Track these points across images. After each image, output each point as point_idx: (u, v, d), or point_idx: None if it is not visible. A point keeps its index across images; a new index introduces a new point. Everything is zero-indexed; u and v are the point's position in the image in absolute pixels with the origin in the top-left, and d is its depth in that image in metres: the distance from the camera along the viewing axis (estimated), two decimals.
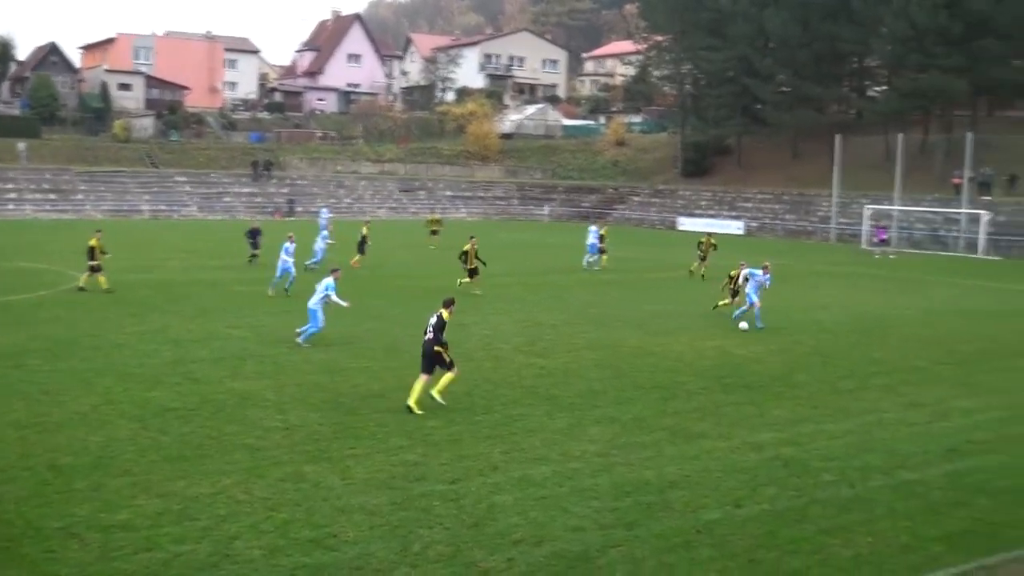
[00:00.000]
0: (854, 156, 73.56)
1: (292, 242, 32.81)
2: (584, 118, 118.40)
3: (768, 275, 28.90)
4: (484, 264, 35.32)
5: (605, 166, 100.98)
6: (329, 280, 23.38)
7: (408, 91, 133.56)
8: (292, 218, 76.79)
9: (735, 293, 29.57)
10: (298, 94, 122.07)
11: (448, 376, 17.68)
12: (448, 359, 17.58)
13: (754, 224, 78.04)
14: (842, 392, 20.18)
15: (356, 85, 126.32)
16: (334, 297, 23.19)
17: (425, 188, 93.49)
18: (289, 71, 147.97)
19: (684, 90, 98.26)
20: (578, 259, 45.27)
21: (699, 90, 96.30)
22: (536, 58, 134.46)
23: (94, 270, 31.94)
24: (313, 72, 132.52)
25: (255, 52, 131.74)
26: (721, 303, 30.24)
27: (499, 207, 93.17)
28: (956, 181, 67.54)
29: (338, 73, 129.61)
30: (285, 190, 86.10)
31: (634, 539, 11.73)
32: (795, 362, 23.22)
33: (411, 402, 17.31)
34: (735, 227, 77.17)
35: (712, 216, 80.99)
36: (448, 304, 18.03)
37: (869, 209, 66.71)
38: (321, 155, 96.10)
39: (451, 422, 16.67)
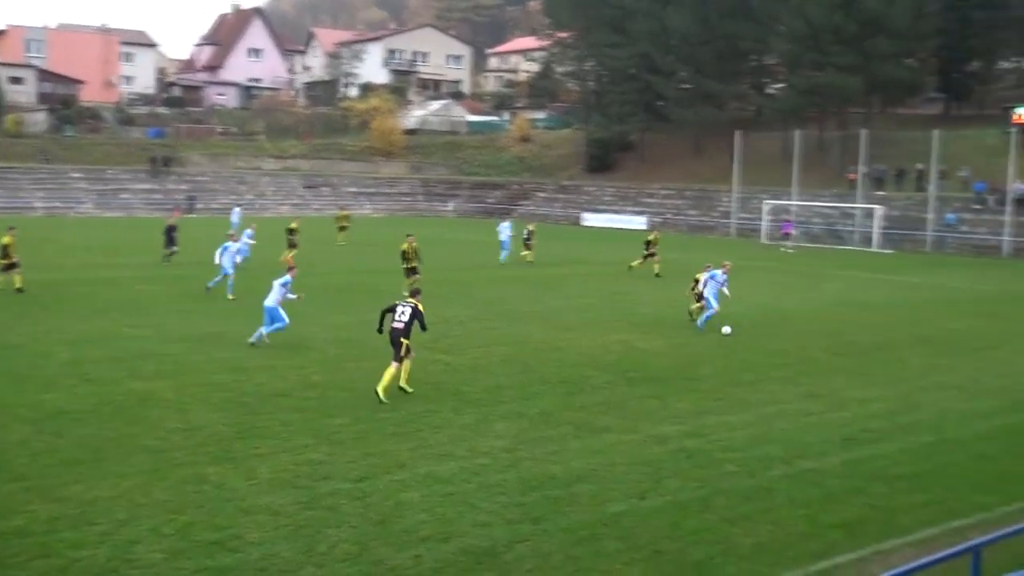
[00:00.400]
0: (754, 152, 74.99)
1: (234, 241, 32.56)
2: (489, 114, 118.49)
3: (726, 276, 27.61)
4: (420, 263, 34.23)
5: (510, 162, 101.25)
6: (287, 277, 23.45)
7: (311, 86, 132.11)
8: (192, 215, 75.37)
9: (701, 296, 27.68)
10: (198, 89, 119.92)
11: (407, 365, 18.62)
12: (406, 350, 18.35)
13: (657, 219, 78.90)
14: (743, 384, 20.56)
15: (257, 80, 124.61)
16: (289, 295, 23.34)
17: (329, 184, 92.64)
18: (188, 65, 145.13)
19: (588, 86, 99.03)
20: (483, 255, 45.37)
21: (602, 86, 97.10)
22: (440, 54, 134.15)
23: (8, 268, 31.08)
24: (213, 67, 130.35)
25: (153, 46, 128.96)
26: (694, 307, 28.26)
27: (404, 203, 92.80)
28: (851, 177, 69.33)
29: (239, 68, 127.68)
30: (185, 186, 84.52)
31: (541, 533, 11.79)
32: (697, 355, 23.57)
33: (402, 384, 18.49)
34: (638, 222, 78.04)
35: (616, 212, 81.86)
36: (415, 294, 19.08)
37: (768, 204, 68.09)
38: (222, 151, 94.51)
39: (357, 420, 16.56)
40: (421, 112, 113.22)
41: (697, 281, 27.93)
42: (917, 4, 76.37)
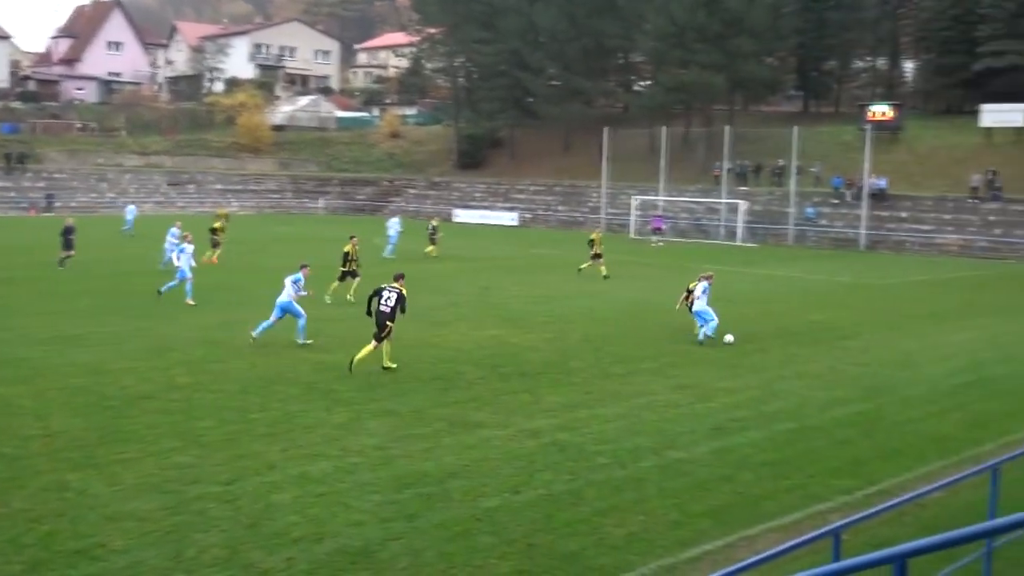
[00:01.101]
0: (622, 148, 76.13)
1: (191, 243, 31.64)
2: (358, 110, 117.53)
3: (709, 284, 25.84)
4: (358, 269, 32.37)
5: (380, 158, 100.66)
6: (299, 274, 23.69)
7: (174, 81, 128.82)
8: (50, 214, 72.76)
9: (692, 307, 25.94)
10: (54, 83, 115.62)
11: (386, 346, 20.41)
12: (388, 333, 20.22)
13: (528, 215, 79.58)
14: (614, 377, 20.86)
15: (118, 74, 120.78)
16: (301, 292, 23.62)
17: (194, 181, 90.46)
18: (44, 59, 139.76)
19: (458, 83, 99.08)
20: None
21: (472, 83, 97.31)
22: (308, 49, 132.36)
23: None
24: (70, 60, 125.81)
25: (6, 38, 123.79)
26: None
27: (272, 200, 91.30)
28: (716, 173, 71.03)
29: (98, 61, 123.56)
30: (42, 184, 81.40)
31: (414, 531, 11.76)
32: (569, 349, 23.82)
33: (386, 363, 20.40)
34: (509, 218, 78.51)
35: (487, 208, 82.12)
36: (399, 278, 20.89)
37: (637, 200, 69.23)
38: (81, 147, 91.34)
39: (225, 422, 16.24)
40: (289, 108, 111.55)
41: (690, 292, 25.93)
42: (776, 5, 78.88)
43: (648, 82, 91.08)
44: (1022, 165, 65.60)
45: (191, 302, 29.46)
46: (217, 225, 41.85)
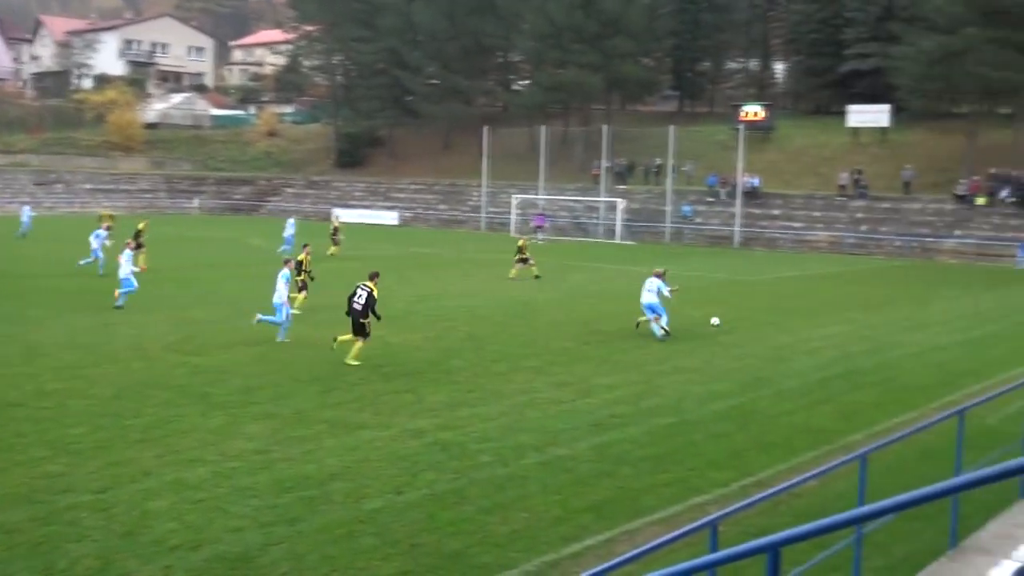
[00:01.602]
0: (502, 147, 76.46)
1: (131, 249, 30.97)
2: (234, 108, 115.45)
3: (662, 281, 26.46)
4: (312, 279, 31.16)
5: (257, 157, 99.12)
6: (285, 271, 24.31)
7: (40, 77, 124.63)
8: None
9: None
10: None
11: (359, 344, 21.33)
12: (369, 330, 21.30)
13: (408, 214, 79.28)
14: (496, 375, 20.92)
15: None
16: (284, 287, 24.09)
17: (63, 181, 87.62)
18: None
19: (336, 81, 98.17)
20: (232, 253, 44.22)
21: (351, 81, 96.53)
22: (181, 45, 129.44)
23: None
24: None
25: None
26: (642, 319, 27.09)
27: (145, 200, 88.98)
28: (595, 172, 71.87)
29: None
30: None
31: (296, 535, 11.61)
32: (451, 348, 23.82)
33: (349, 360, 21.13)
34: (390, 218, 78.09)
35: (367, 207, 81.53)
36: (373, 277, 21.70)
37: (517, 198, 69.60)
38: None
39: (98, 428, 15.77)
40: (162, 105, 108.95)
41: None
42: (652, 6, 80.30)
43: (527, 81, 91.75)
44: (887, 164, 68.17)
45: (119, 303, 28.94)
46: (141, 227, 40.61)
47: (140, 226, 40.65)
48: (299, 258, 30.61)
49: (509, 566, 10.95)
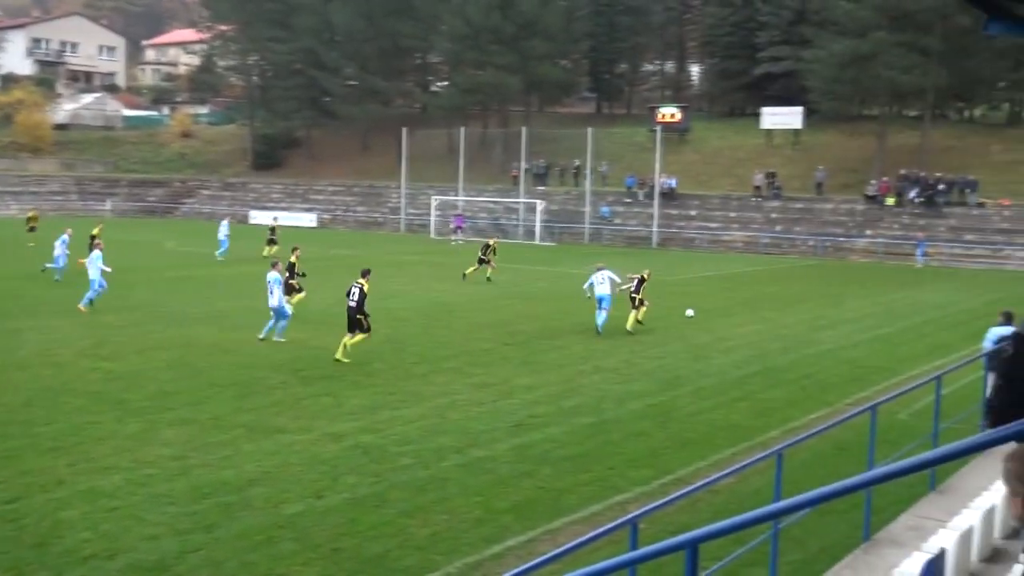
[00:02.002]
0: (421, 148, 76.28)
1: (100, 250, 30.17)
2: (147, 108, 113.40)
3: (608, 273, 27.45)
4: (304, 275, 30.68)
5: (171, 159, 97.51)
6: (274, 274, 24.36)
7: None
8: None
9: (637, 302, 27.61)
10: None
11: (359, 338, 22.03)
12: (367, 325, 22.00)
13: (327, 216, 78.66)
14: (416, 377, 20.87)
15: None
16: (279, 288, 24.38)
17: None
18: None
19: (252, 81, 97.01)
20: (145, 256, 43.48)
21: (267, 81, 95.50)
22: (91, 44, 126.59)
23: None
24: None
25: None
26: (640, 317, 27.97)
27: (56, 203, 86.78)
28: (514, 173, 72.05)
29: None
30: None
31: (214, 541, 11.44)
32: (371, 351, 23.66)
33: (338, 356, 21.83)
34: (308, 219, 77.38)
35: (285, 209, 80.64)
36: (365, 274, 22.33)
37: (436, 200, 69.47)
38: None
39: (7, 436, 15.37)
40: (72, 106, 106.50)
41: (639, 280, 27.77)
42: (569, 8, 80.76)
43: (445, 83, 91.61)
44: (800, 165, 69.48)
45: (82, 308, 28.80)
46: (96, 232, 39.77)
47: (95, 231, 40.28)
48: (291, 260, 30.41)
49: (431, 569, 10.93)
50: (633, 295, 27.77)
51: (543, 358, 23.43)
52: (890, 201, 60.76)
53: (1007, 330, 16.30)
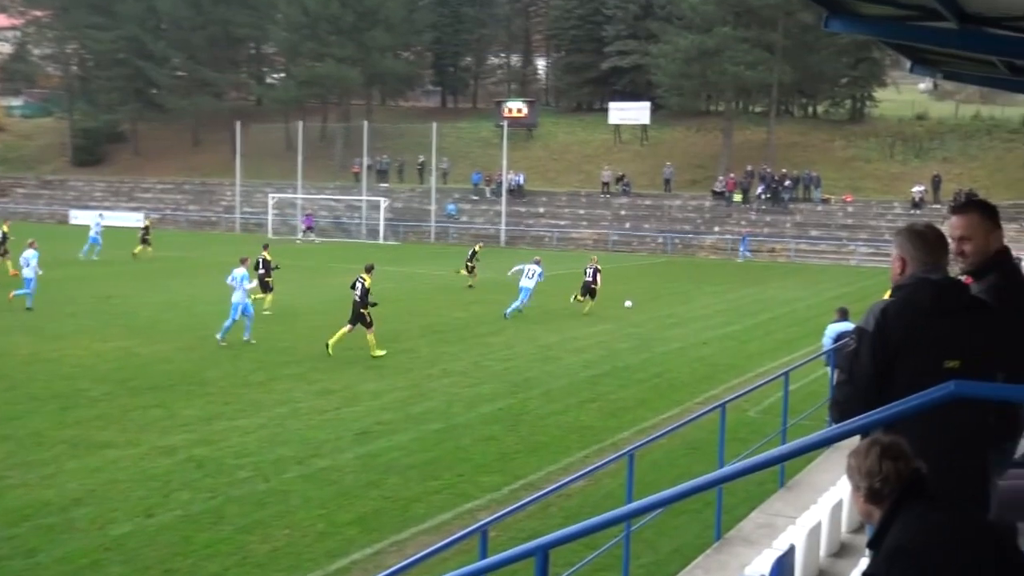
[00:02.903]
0: (256, 144, 74.95)
1: (35, 248, 30.37)
2: None
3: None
4: (277, 267, 31.26)
5: None
6: (242, 270, 24.75)
7: None
8: None
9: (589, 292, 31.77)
10: None
11: (370, 336, 23.30)
12: (370, 320, 23.25)
13: (156, 215, 76.44)
14: (254, 385, 20.52)
15: None
16: (247, 284, 24.89)
17: None
18: None
19: (71, 71, 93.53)
20: None
21: (88, 71, 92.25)
22: None
23: None
24: None
25: None
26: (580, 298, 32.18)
27: None
28: (355, 169, 71.52)
29: None
30: None
31: (35, 567, 11.02)
32: (204, 358, 23.18)
33: (374, 352, 23.17)
34: (135, 219, 75.01)
35: (109, 208, 78.03)
36: (369, 270, 24.18)
37: (274, 198, 68.36)
38: None
39: None
40: None
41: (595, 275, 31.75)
42: None
43: (282, 75, 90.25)
44: (648, 161, 71.11)
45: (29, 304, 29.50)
46: (5, 229, 37.92)
47: (5, 228, 38.83)
48: (264, 256, 30.77)
49: None
50: (592, 286, 31.66)
51: (389, 362, 23.34)
52: (737, 198, 62.72)
53: (844, 326, 17.13)
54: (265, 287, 30.16)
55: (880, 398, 4.19)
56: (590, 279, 31.44)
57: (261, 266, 30.24)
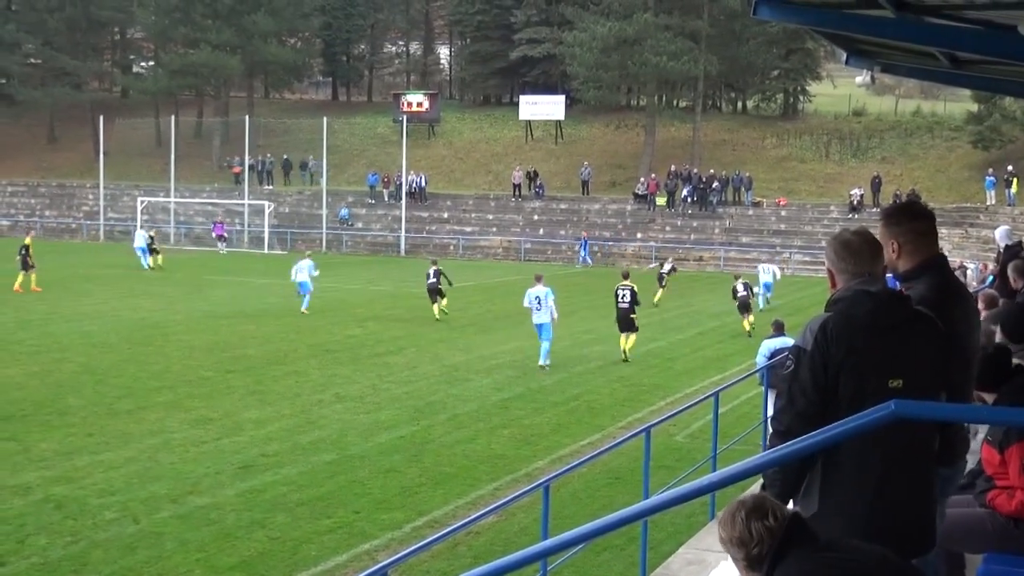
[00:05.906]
0: (123, 141, 73.96)
1: None
2: None
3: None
4: None
5: None
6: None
7: None
8: None
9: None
10: None
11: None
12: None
13: (6, 222, 74.83)
14: (121, 414, 20.17)
15: None
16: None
17: None
18: None
19: None
20: None
21: None
22: None
23: None
24: None
25: None
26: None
27: None
28: (236, 170, 70.76)
29: None
30: None
31: None
32: (63, 384, 22.73)
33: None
34: None
35: None
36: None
37: (143, 202, 67.31)
38: None
39: None
40: None
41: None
42: None
43: (150, 63, 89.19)
44: (563, 161, 71.56)
45: None
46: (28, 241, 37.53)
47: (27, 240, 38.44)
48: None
49: None
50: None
51: (274, 387, 23.12)
52: (661, 201, 63.32)
53: (781, 341, 17.29)
54: None
55: (825, 421, 4.24)
56: (665, 271, 40.91)
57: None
